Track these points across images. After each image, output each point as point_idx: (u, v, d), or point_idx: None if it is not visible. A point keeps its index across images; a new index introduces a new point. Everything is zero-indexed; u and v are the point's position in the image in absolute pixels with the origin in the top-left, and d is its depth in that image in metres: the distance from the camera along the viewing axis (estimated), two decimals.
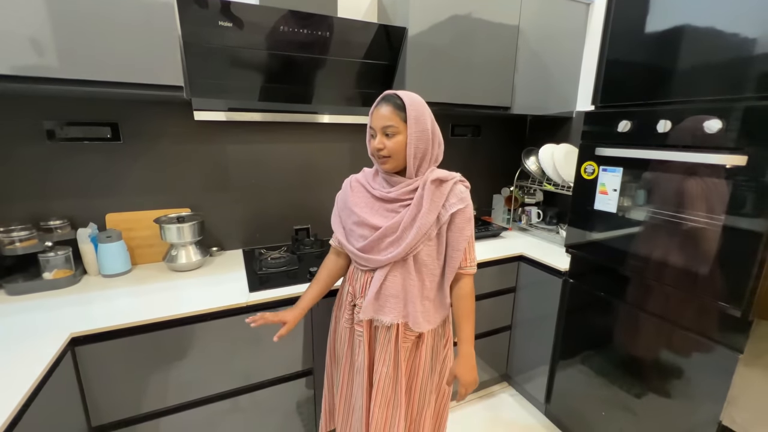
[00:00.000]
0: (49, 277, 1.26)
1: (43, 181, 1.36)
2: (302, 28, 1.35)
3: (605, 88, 1.30)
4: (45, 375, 0.87)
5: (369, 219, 1.01)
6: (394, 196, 0.99)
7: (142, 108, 1.43)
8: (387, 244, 0.99)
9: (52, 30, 1.03)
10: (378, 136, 0.95)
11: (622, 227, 1.27)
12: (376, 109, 0.96)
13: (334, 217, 1.13)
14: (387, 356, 1.05)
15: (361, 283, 1.06)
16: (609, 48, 1.27)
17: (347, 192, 1.08)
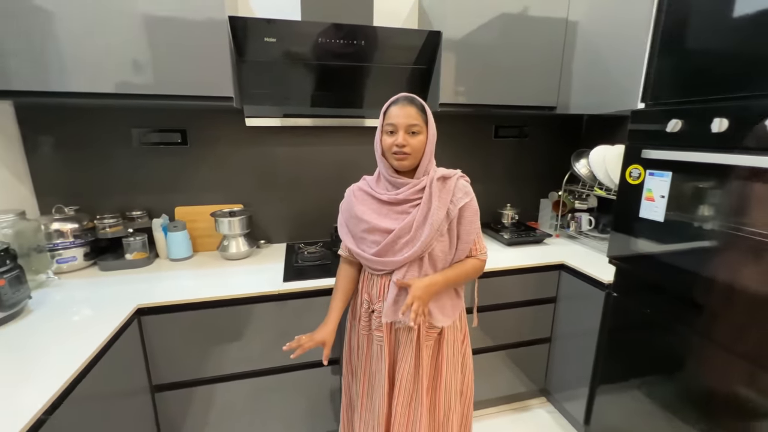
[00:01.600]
0: (129, 258, 1.53)
1: (129, 179, 1.64)
2: (339, 38, 1.44)
3: (656, 83, 1.17)
4: (115, 335, 1.07)
5: (379, 224, 1.02)
6: (403, 197, 1.01)
7: (204, 116, 1.65)
8: (402, 245, 1.01)
9: (148, 55, 1.26)
10: (401, 133, 0.97)
11: (671, 239, 1.14)
12: (400, 107, 0.98)
13: (340, 227, 1.13)
14: (409, 355, 1.06)
15: (377, 287, 1.07)
16: (661, 37, 1.15)
17: (351, 201, 1.09)
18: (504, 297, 1.63)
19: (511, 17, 1.60)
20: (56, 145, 1.55)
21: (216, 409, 1.39)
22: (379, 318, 1.06)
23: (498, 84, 1.66)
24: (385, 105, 1.02)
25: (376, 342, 1.09)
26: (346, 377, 1.24)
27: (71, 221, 1.47)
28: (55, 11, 1.18)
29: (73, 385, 0.87)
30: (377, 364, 1.10)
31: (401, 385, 1.07)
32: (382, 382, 1.09)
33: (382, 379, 1.08)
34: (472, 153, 2.05)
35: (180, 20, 1.26)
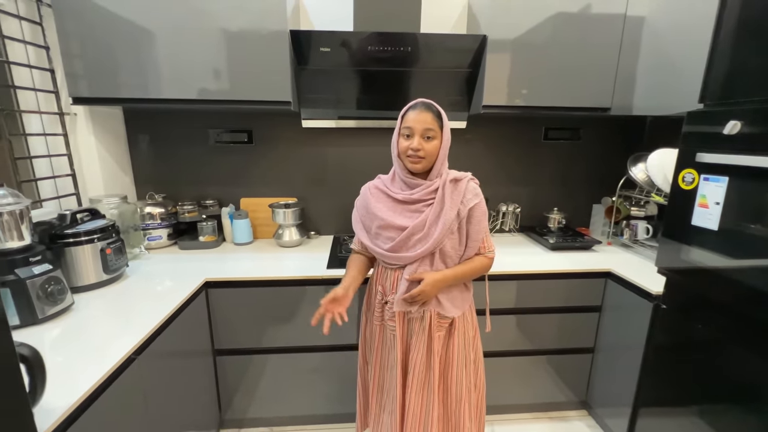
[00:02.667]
0: (202, 240, 1.78)
1: (204, 172, 1.91)
2: (387, 46, 1.54)
3: (716, 83, 1.09)
4: (187, 301, 1.28)
5: (394, 221, 1.08)
6: (417, 197, 1.08)
7: (266, 118, 1.86)
8: (415, 242, 1.07)
9: (224, 65, 1.48)
10: (416, 137, 1.04)
11: (726, 249, 1.06)
12: (417, 113, 1.05)
13: (355, 222, 1.20)
14: (421, 344, 1.12)
15: (390, 280, 1.14)
16: (722, 33, 1.07)
17: (367, 198, 1.16)
18: (544, 301, 1.60)
19: (562, 16, 1.57)
20: (150, 142, 1.86)
21: (263, 376, 1.57)
22: (392, 309, 1.12)
23: (546, 85, 1.64)
24: (403, 109, 1.09)
25: (389, 331, 1.15)
26: (360, 365, 1.31)
27: (159, 206, 1.76)
28: (155, 31, 1.44)
29: (153, 336, 1.07)
30: (390, 353, 1.17)
31: (414, 372, 1.13)
32: (395, 370, 1.15)
33: (395, 368, 1.15)
34: (519, 155, 2.03)
35: (250, 34, 1.46)
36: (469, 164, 2.01)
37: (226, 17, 1.44)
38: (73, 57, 1.43)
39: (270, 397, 1.60)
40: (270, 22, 1.45)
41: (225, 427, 1.66)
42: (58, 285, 1.09)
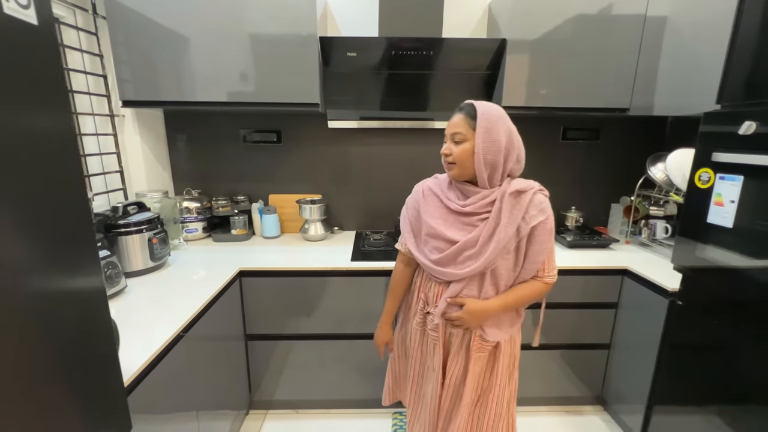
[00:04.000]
0: (234, 233, 1.91)
1: (236, 169, 2.03)
2: (410, 50, 1.62)
3: (731, 85, 1.12)
4: (224, 288, 1.39)
5: (445, 232, 0.99)
6: (470, 210, 0.97)
7: (295, 119, 1.97)
8: (464, 258, 0.97)
9: (253, 70, 1.59)
10: (447, 141, 0.98)
11: (740, 246, 1.09)
12: (455, 115, 0.98)
13: (403, 221, 1.11)
14: (460, 360, 1.07)
15: (434, 292, 1.05)
16: (740, 34, 1.10)
17: (419, 199, 1.06)
18: (561, 297, 1.64)
19: (581, 18, 1.61)
20: (187, 141, 1.99)
21: (289, 361, 1.68)
22: (430, 318, 1.07)
23: (565, 86, 1.68)
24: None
25: (431, 340, 1.09)
26: (394, 357, 1.27)
27: (196, 201, 1.90)
28: (190, 37, 1.55)
29: (197, 318, 1.19)
30: (431, 359, 1.11)
31: (450, 381, 1.09)
32: (435, 375, 1.10)
33: (435, 372, 1.10)
34: (537, 155, 2.06)
35: (282, 41, 1.56)
36: None
37: (259, 25, 1.54)
38: (122, 63, 1.57)
39: (296, 381, 1.71)
40: (301, 29, 1.54)
41: (254, 407, 1.78)
42: (114, 269, 1.22)
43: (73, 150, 0.54)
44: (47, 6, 0.48)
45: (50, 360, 0.54)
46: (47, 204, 0.52)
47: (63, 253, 0.55)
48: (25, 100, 0.47)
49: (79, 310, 0.59)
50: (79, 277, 0.59)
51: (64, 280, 0.56)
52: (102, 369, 0.65)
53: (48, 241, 0.52)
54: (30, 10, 0.45)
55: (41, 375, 0.52)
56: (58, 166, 0.52)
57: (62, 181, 0.54)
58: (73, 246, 0.57)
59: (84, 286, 0.60)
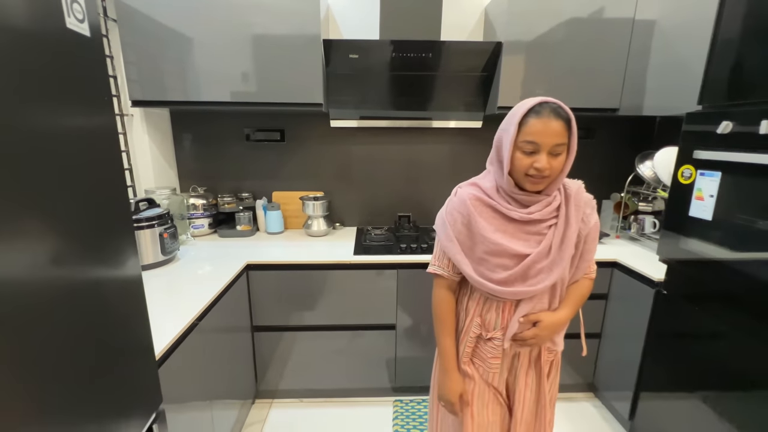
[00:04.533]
0: (239, 229, 1.97)
1: (240, 167, 2.09)
2: (410, 52, 1.68)
3: (711, 87, 1.21)
4: (232, 281, 1.45)
5: (511, 247, 0.86)
6: (537, 218, 0.86)
7: (298, 118, 2.03)
8: (537, 272, 0.87)
9: (257, 71, 1.65)
10: (543, 154, 0.80)
11: (718, 237, 1.17)
12: (545, 122, 0.80)
13: (449, 241, 0.91)
14: (530, 379, 0.97)
15: (496, 314, 0.93)
16: (718, 40, 1.18)
17: (470, 212, 0.89)
18: None
19: (573, 22, 1.68)
20: (193, 140, 2.05)
21: (294, 352, 1.74)
22: (497, 345, 0.93)
23: (558, 87, 1.75)
24: (520, 113, 0.82)
25: (491, 370, 0.95)
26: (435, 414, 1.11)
27: (202, 198, 1.95)
28: (195, 38, 1.61)
29: (208, 309, 1.25)
30: (488, 394, 0.98)
31: (523, 405, 0.98)
32: (500, 408, 1.00)
33: (500, 405, 1.00)
34: None
35: (286, 43, 1.62)
36: (484, 161, 2.15)
37: (263, 26, 1.60)
38: (131, 64, 1.62)
39: (300, 371, 1.77)
40: (305, 31, 1.61)
41: (260, 397, 1.85)
42: None
43: (117, 146, 0.60)
44: (96, 20, 0.54)
45: (103, 336, 0.60)
46: (97, 198, 0.58)
47: (111, 243, 0.62)
48: (82, 102, 0.53)
49: (121, 293, 0.66)
50: (123, 266, 0.65)
51: (110, 269, 0.62)
52: (139, 346, 0.72)
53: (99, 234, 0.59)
54: (84, 24, 0.52)
55: (95, 350, 0.58)
56: (107, 161, 0.59)
57: (110, 176, 0.60)
58: (118, 237, 0.63)
59: (127, 273, 0.67)
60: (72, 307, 0.54)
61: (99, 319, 0.59)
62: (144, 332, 0.73)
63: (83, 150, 0.54)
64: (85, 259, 0.56)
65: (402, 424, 1.70)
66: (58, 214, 0.50)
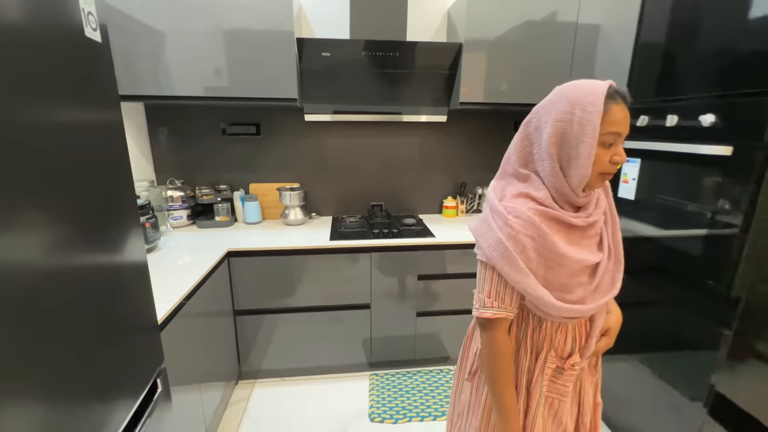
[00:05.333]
0: (217, 219, 2.04)
1: (217, 160, 2.15)
2: (378, 51, 1.82)
3: (634, 85, 1.42)
4: (214, 267, 1.54)
5: (587, 258, 0.75)
6: (595, 218, 0.77)
7: (273, 113, 2.12)
8: (608, 276, 0.79)
9: (230, 66, 1.72)
10: (620, 145, 0.71)
11: (640, 216, 1.39)
12: (623, 108, 0.70)
13: (522, 277, 0.73)
14: (589, 387, 0.91)
15: (570, 338, 0.82)
16: (637, 45, 1.40)
17: (543, 234, 0.72)
18: None
19: (527, 24, 1.86)
20: (169, 133, 2.09)
21: (275, 333, 1.86)
22: (576, 371, 0.82)
23: (512, 85, 1.93)
24: (600, 94, 0.68)
25: (564, 398, 0.85)
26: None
27: (179, 190, 2.01)
28: (167, 32, 1.65)
29: (194, 292, 1.34)
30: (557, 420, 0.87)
31: (588, 416, 0.91)
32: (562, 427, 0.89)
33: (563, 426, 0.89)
34: (492, 145, 2.34)
35: (257, 38, 1.70)
36: (449, 154, 2.31)
37: (236, 22, 1.66)
38: None
39: (281, 351, 1.89)
40: (278, 28, 1.69)
41: (243, 378, 1.95)
42: None
43: (124, 140, 0.70)
44: (105, 29, 0.64)
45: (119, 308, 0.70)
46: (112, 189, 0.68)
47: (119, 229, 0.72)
48: (97, 100, 0.63)
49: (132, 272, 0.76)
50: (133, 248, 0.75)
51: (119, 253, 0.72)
52: (146, 315, 0.82)
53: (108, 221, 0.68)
54: (97, 32, 0.61)
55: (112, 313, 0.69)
56: (119, 154, 0.68)
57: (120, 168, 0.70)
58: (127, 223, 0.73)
59: (133, 258, 0.77)
60: (89, 284, 0.63)
61: (113, 295, 0.69)
62: (149, 304, 0.83)
63: (101, 143, 0.64)
64: (99, 244, 0.66)
65: (377, 393, 1.85)
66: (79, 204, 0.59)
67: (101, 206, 0.65)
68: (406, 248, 1.83)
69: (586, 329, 0.84)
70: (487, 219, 0.77)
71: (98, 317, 0.64)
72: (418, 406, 1.77)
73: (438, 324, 1.97)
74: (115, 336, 0.69)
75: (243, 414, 1.74)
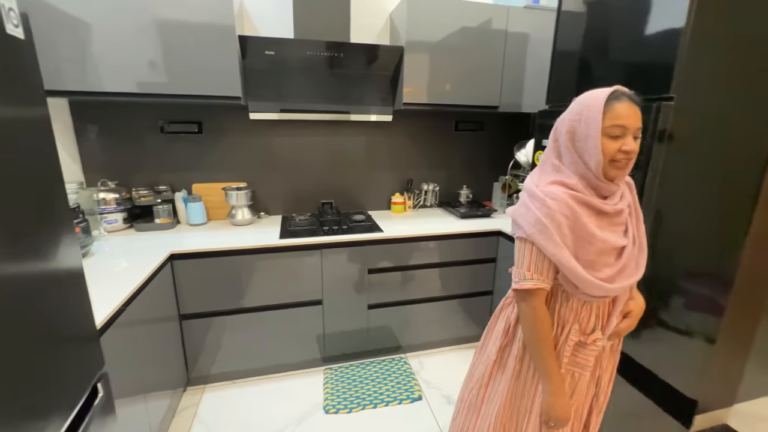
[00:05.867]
0: (158, 222, 1.95)
1: (156, 160, 2.05)
2: (323, 51, 1.85)
3: (552, 90, 1.61)
4: (155, 272, 1.48)
5: (617, 241, 0.86)
6: (622, 207, 0.88)
7: (217, 111, 2.06)
8: (633, 261, 0.89)
9: (167, 61, 1.66)
10: (629, 138, 0.82)
11: None
12: (628, 105, 0.81)
13: (558, 250, 0.83)
14: (609, 365, 1.02)
15: (593, 314, 0.92)
16: (554, 58, 1.58)
17: (576, 214, 0.83)
18: (456, 256, 2.06)
19: (464, 30, 2.00)
20: (99, 131, 1.95)
21: (225, 335, 1.83)
22: (597, 347, 0.92)
23: (451, 87, 2.07)
24: (601, 99, 0.82)
25: (585, 372, 0.94)
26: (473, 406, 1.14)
27: (113, 192, 1.89)
28: (92, 23, 1.55)
29: (133, 297, 1.28)
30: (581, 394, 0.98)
31: (605, 397, 1.04)
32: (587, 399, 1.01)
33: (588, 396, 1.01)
34: (435, 143, 2.47)
35: (196, 32, 1.66)
36: (396, 152, 2.41)
37: (172, 15, 1.60)
38: None
39: (232, 354, 1.86)
40: (218, 22, 1.65)
41: (192, 384, 1.89)
42: None
43: (52, 138, 0.68)
44: (28, 24, 0.62)
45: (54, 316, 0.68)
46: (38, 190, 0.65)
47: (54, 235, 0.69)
48: (22, 98, 0.61)
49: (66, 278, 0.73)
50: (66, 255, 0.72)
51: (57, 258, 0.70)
52: (84, 322, 0.79)
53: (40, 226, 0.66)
54: (19, 28, 0.59)
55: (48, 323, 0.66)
56: (46, 153, 0.66)
57: (49, 168, 0.67)
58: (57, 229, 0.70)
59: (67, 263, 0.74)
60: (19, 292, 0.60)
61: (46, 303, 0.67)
62: (86, 311, 0.80)
63: (28, 143, 0.62)
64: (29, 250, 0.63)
65: (332, 386, 1.90)
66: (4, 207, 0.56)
67: (30, 209, 0.64)
68: (356, 243, 1.89)
69: (609, 309, 0.94)
70: (525, 202, 0.88)
71: (30, 326, 0.62)
72: (371, 394, 1.84)
73: (389, 315, 2.06)
74: (51, 345, 0.67)
75: (193, 419, 1.70)
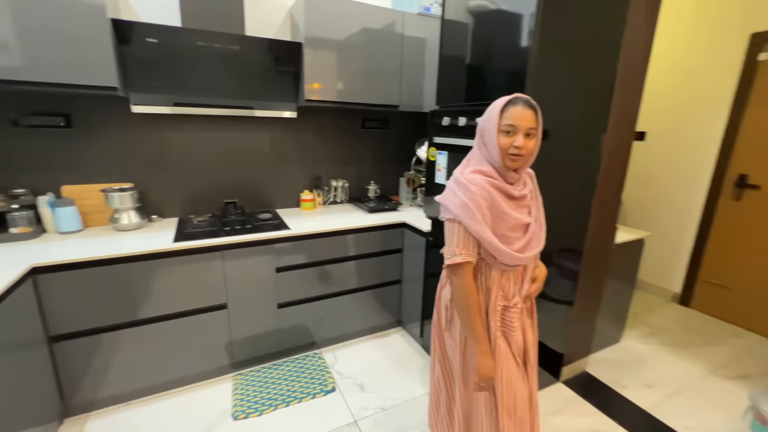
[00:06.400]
0: (15, 232, 1.65)
1: (9, 159, 1.73)
2: (217, 43, 1.75)
3: (441, 92, 1.77)
4: (6, 291, 1.26)
5: (522, 218, 1.07)
6: (526, 193, 1.09)
7: (90, 102, 1.82)
8: (536, 236, 1.11)
9: (17, 42, 1.41)
10: (520, 135, 1.00)
11: None
12: (521, 109, 1.00)
13: (480, 227, 1.01)
14: (527, 326, 1.18)
15: (512, 281, 1.12)
16: (441, 62, 1.75)
17: (492, 196, 1.03)
18: (365, 249, 2.14)
19: (362, 31, 2.07)
20: None
21: (114, 353, 1.63)
22: (519, 309, 1.12)
23: (353, 85, 2.13)
24: (500, 103, 1.03)
25: (514, 333, 1.12)
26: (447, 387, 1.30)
27: None
28: None
29: None
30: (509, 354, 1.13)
31: (533, 352, 1.19)
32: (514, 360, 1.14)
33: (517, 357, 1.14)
34: (343, 140, 2.52)
35: (59, 12, 1.45)
36: (303, 149, 2.40)
37: None
38: None
39: (124, 373, 1.67)
40: (88, 3, 1.47)
41: (71, 414, 1.65)
42: None
43: None
44: None
45: None
46: None
47: None
48: None
49: None
50: None
51: None
52: None
53: None
54: None
55: None
56: None
57: None
58: None
59: None
60: None
61: None
62: None
63: None
64: None
65: (242, 392, 1.83)
66: None
67: None
68: (262, 242, 1.84)
69: (522, 276, 1.14)
70: (453, 189, 1.06)
71: None
72: (284, 393, 1.82)
73: (301, 312, 2.05)
74: None
75: None
